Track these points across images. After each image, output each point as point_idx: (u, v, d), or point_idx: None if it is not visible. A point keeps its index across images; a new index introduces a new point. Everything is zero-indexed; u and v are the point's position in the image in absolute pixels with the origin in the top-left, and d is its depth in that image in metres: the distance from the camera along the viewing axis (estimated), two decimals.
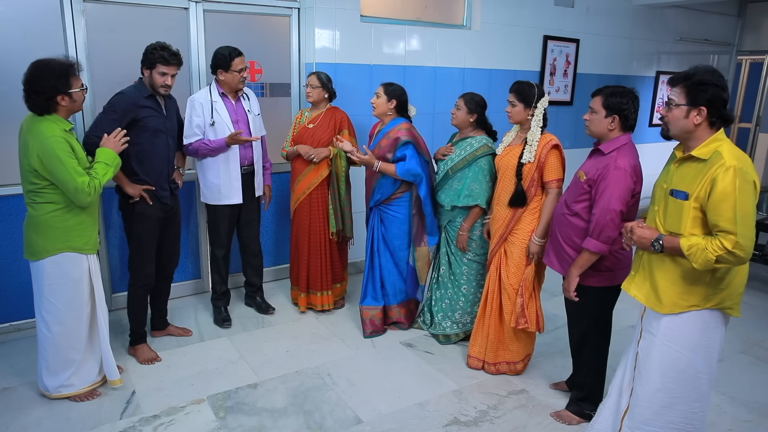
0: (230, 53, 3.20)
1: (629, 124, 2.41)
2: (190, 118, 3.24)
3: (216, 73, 3.26)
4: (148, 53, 2.88)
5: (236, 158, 3.34)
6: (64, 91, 2.41)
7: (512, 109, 2.84)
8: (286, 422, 2.63)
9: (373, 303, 3.50)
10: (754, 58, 7.34)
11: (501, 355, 3.05)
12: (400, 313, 3.54)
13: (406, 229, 3.38)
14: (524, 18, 5.04)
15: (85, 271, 2.61)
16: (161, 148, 2.99)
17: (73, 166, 2.40)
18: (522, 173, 2.80)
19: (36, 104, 2.42)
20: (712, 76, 1.89)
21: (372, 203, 3.43)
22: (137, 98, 2.87)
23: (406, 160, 3.20)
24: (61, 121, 2.46)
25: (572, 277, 2.42)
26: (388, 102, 3.29)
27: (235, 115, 3.33)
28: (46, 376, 2.67)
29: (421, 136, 3.34)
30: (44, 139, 2.38)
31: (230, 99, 3.33)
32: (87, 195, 2.45)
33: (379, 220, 3.43)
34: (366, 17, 4.24)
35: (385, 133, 3.30)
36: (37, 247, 2.52)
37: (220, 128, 3.26)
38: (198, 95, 3.28)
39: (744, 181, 1.81)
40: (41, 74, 2.38)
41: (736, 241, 1.79)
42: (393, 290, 3.49)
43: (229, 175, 3.34)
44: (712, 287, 1.95)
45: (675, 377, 2.04)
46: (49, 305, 2.58)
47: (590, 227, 2.36)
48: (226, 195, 3.37)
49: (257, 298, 3.75)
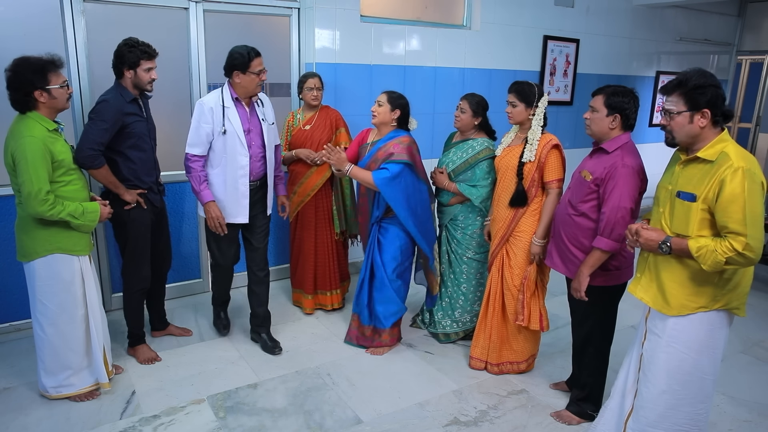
0: (249, 53, 2.88)
1: (630, 124, 2.42)
2: (198, 124, 2.90)
3: (231, 75, 2.92)
4: (126, 53, 2.76)
5: (245, 172, 2.98)
6: (41, 86, 2.34)
7: (513, 109, 2.83)
8: (286, 422, 2.63)
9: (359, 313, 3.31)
10: (754, 58, 7.34)
11: (505, 356, 3.04)
12: (393, 333, 3.31)
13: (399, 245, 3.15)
14: (524, 18, 5.04)
15: (76, 272, 2.56)
16: (148, 151, 2.94)
17: (37, 171, 2.31)
18: (523, 173, 2.80)
19: (15, 100, 2.37)
20: (706, 78, 1.89)
21: (373, 219, 3.21)
22: (122, 105, 2.77)
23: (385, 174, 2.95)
24: (43, 120, 2.40)
25: (583, 277, 2.40)
26: (391, 112, 3.06)
27: (248, 123, 2.99)
28: (44, 376, 2.67)
29: (419, 153, 3.13)
30: (20, 138, 2.33)
31: (244, 105, 2.99)
32: (40, 204, 2.33)
33: (377, 234, 3.21)
34: (366, 17, 4.24)
35: (383, 145, 3.05)
36: (27, 248, 2.49)
37: (231, 138, 2.92)
38: (208, 99, 2.93)
39: (752, 182, 1.81)
40: (18, 69, 2.34)
41: (746, 242, 1.79)
42: (385, 313, 3.20)
43: (237, 190, 2.99)
44: (720, 288, 1.95)
45: (681, 379, 2.03)
46: (42, 307, 2.56)
47: (601, 226, 2.35)
48: (231, 213, 3.03)
49: (262, 334, 3.31)
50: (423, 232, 3.14)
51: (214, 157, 2.97)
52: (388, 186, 2.96)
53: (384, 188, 2.96)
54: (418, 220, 3.09)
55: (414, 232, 3.09)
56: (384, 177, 2.96)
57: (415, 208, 3.06)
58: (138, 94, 2.90)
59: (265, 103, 3.15)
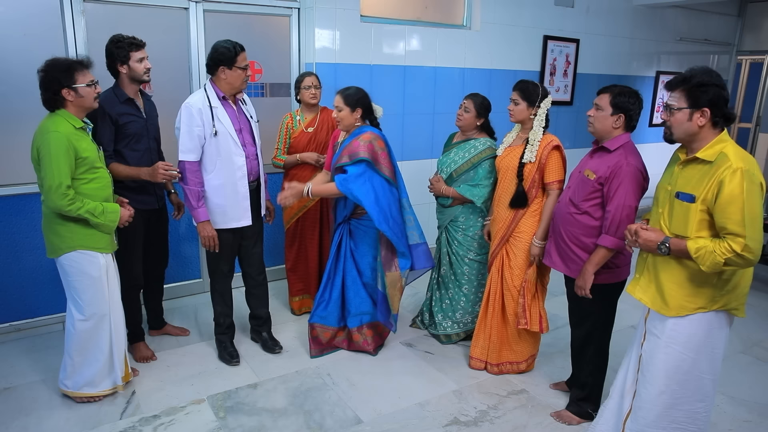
0: (235, 47, 2.77)
1: (632, 125, 2.42)
2: (189, 128, 2.75)
3: (216, 71, 2.79)
4: (115, 50, 2.76)
5: (244, 173, 2.88)
6: (67, 84, 2.40)
7: (515, 107, 2.83)
8: (286, 422, 2.63)
9: (322, 322, 3.19)
10: (754, 58, 7.34)
11: (504, 356, 3.04)
12: (366, 335, 3.21)
13: (379, 247, 3.06)
14: (524, 18, 5.04)
15: (102, 267, 2.59)
16: (144, 152, 2.92)
17: (60, 165, 2.36)
18: (523, 174, 2.80)
19: (45, 99, 2.44)
20: (710, 77, 1.88)
21: (339, 219, 3.14)
22: (113, 106, 2.77)
23: (347, 175, 2.87)
24: (71, 118, 2.45)
25: (588, 275, 2.40)
26: (352, 113, 2.96)
27: (238, 123, 2.88)
28: (68, 373, 2.66)
29: (385, 149, 3.00)
30: (46, 133, 2.39)
31: (231, 104, 2.89)
32: (60, 197, 2.36)
33: (348, 234, 3.13)
34: (366, 17, 4.24)
35: (347, 145, 2.97)
36: (52, 244, 2.54)
37: (224, 139, 2.80)
38: (194, 100, 2.77)
39: (751, 183, 1.81)
40: (47, 69, 2.41)
41: (744, 243, 1.78)
42: (357, 311, 3.15)
43: (237, 193, 2.88)
44: (718, 289, 1.95)
45: (679, 379, 2.03)
46: (73, 302, 2.60)
47: (606, 224, 2.35)
48: (234, 216, 2.92)
49: (263, 334, 3.30)
50: (399, 233, 3.00)
51: (207, 161, 2.82)
52: (348, 186, 2.86)
53: (346, 190, 2.87)
54: (393, 220, 2.97)
55: (389, 234, 2.94)
56: (342, 180, 2.88)
57: (385, 207, 2.93)
58: (136, 93, 2.89)
59: (247, 101, 3.06)
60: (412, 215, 3.16)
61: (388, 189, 2.99)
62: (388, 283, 3.04)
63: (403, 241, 3.02)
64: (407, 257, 3.04)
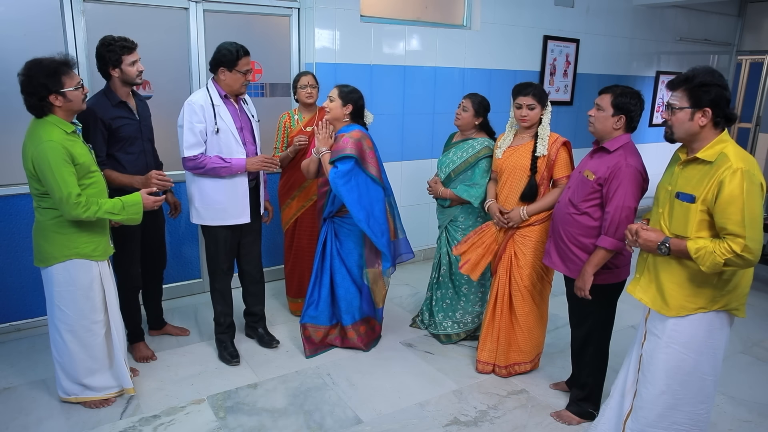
0: (238, 50, 2.79)
1: (632, 126, 2.42)
2: (191, 125, 2.78)
3: (217, 71, 2.84)
4: (106, 53, 2.71)
5: (244, 172, 2.94)
6: (55, 90, 2.28)
7: (530, 112, 2.81)
8: (286, 422, 2.63)
9: (314, 322, 3.20)
10: (754, 58, 7.34)
11: (513, 357, 3.03)
12: (360, 331, 3.25)
13: (363, 245, 3.10)
14: (524, 18, 5.04)
15: (95, 278, 2.52)
16: (139, 154, 2.90)
17: (63, 176, 2.27)
18: (537, 166, 2.81)
19: (31, 105, 2.32)
20: (713, 77, 1.88)
21: (325, 214, 3.16)
22: (105, 110, 2.73)
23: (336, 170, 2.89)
24: (61, 123, 2.36)
25: (588, 276, 2.40)
26: (343, 107, 2.99)
27: (240, 121, 2.93)
28: (63, 380, 2.63)
29: (373, 149, 3.04)
30: (39, 143, 2.29)
31: (233, 102, 2.92)
32: (74, 207, 2.29)
33: (333, 233, 3.15)
34: (366, 17, 4.24)
35: (335, 140, 3.01)
36: (44, 253, 2.45)
37: (225, 137, 2.84)
38: (197, 98, 2.82)
39: (751, 184, 1.81)
40: (31, 73, 2.28)
41: (744, 244, 1.78)
42: (348, 308, 3.18)
43: (236, 190, 2.92)
44: (718, 289, 1.95)
45: (680, 379, 2.03)
46: (60, 313, 2.51)
47: (605, 225, 2.35)
48: (233, 214, 2.95)
49: (259, 329, 3.34)
50: (378, 233, 3.00)
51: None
52: (338, 181, 2.88)
53: (335, 185, 2.88)
54: (374, 219, 2.98)
55: (369, 233, 2.96)
56: (335, 175, 2.89)
57: (367, 206, 2.96)
58: (128, 95, 2.86)
59: (249, 100, 3.10)
60: (397, 216, 3.22)
61: (373, 188, 3.02)
62: (370, 278, 3.13)
63: (383, 241, 3.02)
64: (387, 258, 3.06)
